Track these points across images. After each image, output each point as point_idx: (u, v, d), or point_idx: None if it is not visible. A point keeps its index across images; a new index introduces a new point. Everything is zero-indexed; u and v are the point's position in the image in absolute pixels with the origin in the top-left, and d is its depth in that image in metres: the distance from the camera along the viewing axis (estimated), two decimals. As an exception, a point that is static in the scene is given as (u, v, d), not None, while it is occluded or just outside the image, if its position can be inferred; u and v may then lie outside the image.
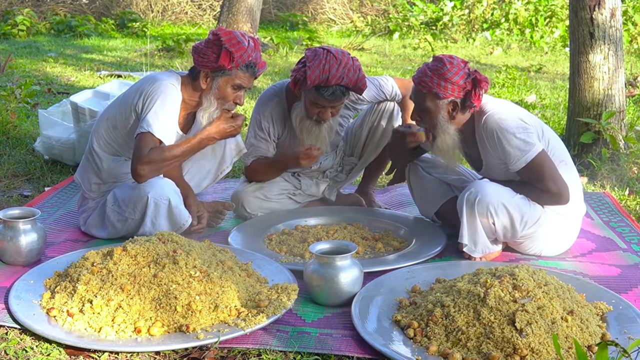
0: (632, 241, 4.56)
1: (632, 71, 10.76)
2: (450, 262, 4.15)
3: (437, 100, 4.09)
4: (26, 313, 3.43)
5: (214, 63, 4.18)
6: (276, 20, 17.71)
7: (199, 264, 3.53)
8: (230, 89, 4.28)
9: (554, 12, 15.36)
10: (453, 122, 4.15)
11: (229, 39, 4.16)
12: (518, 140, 3.99)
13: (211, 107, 4.29)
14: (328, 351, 3.21)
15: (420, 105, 4.16)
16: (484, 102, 4.17)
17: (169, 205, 4.20)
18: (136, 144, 4.12)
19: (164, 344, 3.20)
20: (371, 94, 4.82)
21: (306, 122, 4.63)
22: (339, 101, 4.53)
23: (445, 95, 4.06)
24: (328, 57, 4.42)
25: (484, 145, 4.15)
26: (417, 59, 13.17)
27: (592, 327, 3.22)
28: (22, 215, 4.09)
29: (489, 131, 4.06)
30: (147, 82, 4.27)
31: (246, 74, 4.27)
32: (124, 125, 4.33)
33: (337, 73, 4.39)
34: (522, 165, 4.02)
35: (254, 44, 4.27)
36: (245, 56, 4.20)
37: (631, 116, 7.90)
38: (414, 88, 4.19)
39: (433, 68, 4.08)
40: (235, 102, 4.34)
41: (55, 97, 8.84)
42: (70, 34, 14.96)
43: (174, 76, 4.31)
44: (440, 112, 4.12)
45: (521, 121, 4.06)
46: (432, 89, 4.06)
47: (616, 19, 6.09)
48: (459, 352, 3.11)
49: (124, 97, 4.38)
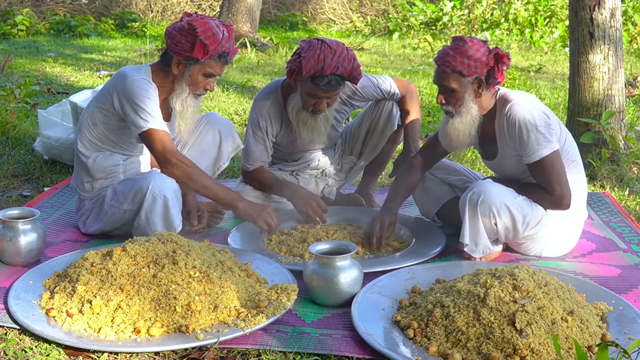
0: (632, 241, 4.56)
1: (632, 71, 10.77)
2: (451, 263, 4.15)
3: (461, 79, 4.05)
4: (25, 313, 3.43)
5: (188, 53, 4.19)
6: (276, 20, 17.70)
7: (198, 264, 3.52)
8: (201, 77, 4.29)
9: (553, 12, 15.36)
10: (478, 102, 4.12)
11: (204, 31, 4.15)
12: (539, 133, 3.97)
13: (183, 93, 4.32)
14: (328, 352, 3.21)
15: (445, 87, 4.11)
16: (508, 92, 4.16)
17: (165, 203, 4.18)
18: (149, 144, 4.22)
19: (163, 345, 3.20)
20: (368, 90, 4.83)
21: (302, 113, 4.65)
22: (335, 91, 4.55)
23: (469, 73, 4.03)
24: (323, 47, 4.44)
25: (503, 134, 4.13)
26: (417, 59, 13.17)
27: (592, 328, 3.22)
28: (21, 215, 4.09)
29: (511, 119, 4.03)
30: (119, 80, 4.27)
31: (219, 63, 4.28)
32: (103, 122, 4.36)
33: (332, 62, 4.40)
34: (535, 159, 4.01)
35: (228, 33, 4.27)
36: (219, 48, 4.20)
37: (631, 116, 7.90)
38: (437, 70, 4.14)
39: (454, 47, 4.05)
40: (206, 89, 4.36)
41: (54, 97, 8.84)
42: (70, 34, 14.97)
43: (143, 69, 4.32)
44: (466, 90, 4.08)
45: (545, 116, 4.05)
46: (456, 67, 4.02)
47: (616, 19, 6.09)
48: (458, 352, 3.10)
49: (100, 95, 4.40)
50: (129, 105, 4.17)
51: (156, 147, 4.19)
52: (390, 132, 4.96)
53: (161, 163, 4.22)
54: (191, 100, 4.34)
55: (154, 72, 4.33)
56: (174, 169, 4.19)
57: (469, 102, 4.10)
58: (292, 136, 4.87)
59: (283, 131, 4.87)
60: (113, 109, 4.26)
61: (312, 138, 4.79)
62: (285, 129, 4.86)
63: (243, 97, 9.28)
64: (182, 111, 4.33)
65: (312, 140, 4.84)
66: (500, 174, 4.41)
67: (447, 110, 4.17)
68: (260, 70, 11.48)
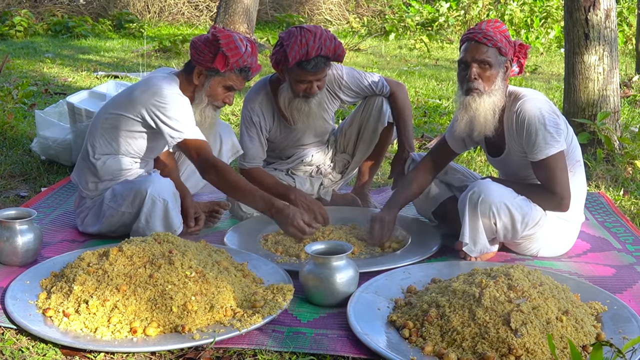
0: (626, 241, 4.57)
1: (626, 72, 10.79)
2: (446, 262, 4.15)
3: (499, 56, 4.07)
4: (22, 313, 3.43)
5: (209, 63, 4.22)
6: (273, 21, 17.70)
7: (194, 264, 3.53)
8: (221, 89, 4.33)
9: (549, 13, 15.39)
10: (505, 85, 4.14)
11: (227, 43, 4.20)
12: (547, 132, 3.98)
13: (202, 103, 4.36)
14: (324, 351, 3.22)
15: (482, 61, 4.06)
16: (518, 89, 4.18)
17: (165, 207, 4.21)
18: (186, 154, 4.33)
19: (159, 345, 3.21)
20: (354, 80, 4.91)
21: (295, 101, 4.72)
22: (323, 72, 4.62)
23: (506, 52, 4.07)
24: (302, 32, 4.53)
25: (511, 130, 4.13)
26: (413, 59, 13.18)
27: (587, 327, 3.23)
28: (18, 215, 4.09)
29: (522, 116, 4.04)
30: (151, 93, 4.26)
31: (239, 77, 4.32)
32: (126, 129, 4.35)
33: (315, 45, 4.48)
34: (541, 157, 4.01)
35: (252, 48, 4.30)
36: (240, 61, 4.24)
37: (626, 117, 7.92)
38: (473, 45, 4.08)
39: (493, 26, 4.09)
40: (225, 102, 4.39)
41: (52, 98, 8.84)
42: (68, 34, 14.95)
43: (174, 81, 4.33)
44: (500, 69, 4.09)
45: (555, 115, 4.06)
46: (497, 43, 4.04)
47: (611, 20, 6.11)
48: (454, 352, 3.11)
49: (126, 101, 4.36)
50: (163, 118, 4.22)
51: (192, 156, 4.27)
52: (381, 128, 4.98)
53: (201, 172, 4.30)
54: (209, 111, 4.39)
55: (181, 83, 4.36)
56: (211, 175, 4.26)
57: (499, 82, 4.10)
58: (285, 130, 4.92)
59: (276, 126, 4.92)
60: (142, 119, 4.28)
61: (308, 124, 4.86)
62: (277, 123, 4.91)
63: (241, 98, 9.26)
64: (200, 121, 4.37)
65: (308, 127, 4.89)
66: (504, 171, 4.41)
67: (477, 88, 4.08)
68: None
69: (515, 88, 4.19)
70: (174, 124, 4.20)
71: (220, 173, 4.25)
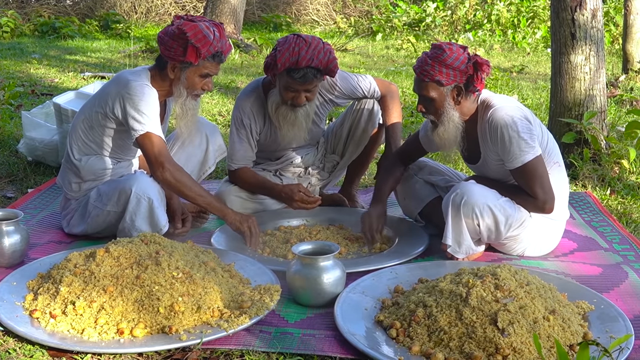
0: (613, 240, 4.58)
1: (613, 72, 10.83)
2: (433, 262, 4.16)
3: (440, 87, 4.07)
4: (9, 315, 3.42)
5: (181, 57, 4.19)
6: (260, 22, 17.71)
7: (181, 265, 3.53)
8: (198, 78, 4.29)
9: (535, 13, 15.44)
10: (459, 109, 4.13)
11: (194, 34, 4.15)
12: (520, 139, 3.98)
13: (182, 96, 4.31)
14: (311, 352, 3.22)
15: (424, 96, 4.12)
16: (490, 96, 4.16)
17: (150, 205, 4.19)
18: (144, 147, 4.18)
19: (146, 345, 3.20)
20: (347, 85, 4.88)
21: (282, 108, 4.69)
22: (312, 84, 4.58)
23: (448, 82, 4.05)
24: (297, 40, 4.51)
25: (485, 139, 4.14)
26: (400, 59, 13.21)
27: (573, 327, 3.23)
28: (5, 216, 4.08)
29: (493, 125, 4.04)
30: (119, 85, 4.26)
31: (213, 63, 4.28)
32: (100, 125, 4.34)
33: (306, 55, 4.45)
34: (518, 165, 4.02)
35: (219, 32, 4.27)
36: (211, 49, 4.20)
37: (612, 116, 7.95)
38: (416, 79, 4.16)
39: (433, 56, 4.06)
40: (204, 89, 4.36)
41: (39, 99, 8.81)
42: (54, 35, 14.91)
43: (143, 74, 4.31)
44: (446, 99, 4.09)
45: (527, 121, 4.05)
46: (435, 76, 4.04)
47: (597, 20, 6.12)
48: (441, 352, 3.11)
49: (98, 98, 4.37)
50: (129, 109, 4.16)
51: (150, 151, 4.17)
52: (371, 130, 5.00)
53: (153, 167, 4.19)
54: (190, 102, 4.35)
55: (152, 77, 4.32)
56: (165, 173, 4.17)
57: (449, 110, 4.11)
58: (275, 133, 4.90)
59: (266, 128, 4.90)
60: (112, 114, 4.25)
61: (294, 134, 4.80)
62: (268, 126, 4.89)
63: (227, 98, 9.28)
64: (183, 114, 4.34)
65: (294, 136, 4.84)
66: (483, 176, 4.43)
67: (430, 119, 4.20)
68: (243, 71, 11.48)
69: (487, 95, 4.18)
70: (139, 116, 4.15)
71: (175, 172, 4.19)
